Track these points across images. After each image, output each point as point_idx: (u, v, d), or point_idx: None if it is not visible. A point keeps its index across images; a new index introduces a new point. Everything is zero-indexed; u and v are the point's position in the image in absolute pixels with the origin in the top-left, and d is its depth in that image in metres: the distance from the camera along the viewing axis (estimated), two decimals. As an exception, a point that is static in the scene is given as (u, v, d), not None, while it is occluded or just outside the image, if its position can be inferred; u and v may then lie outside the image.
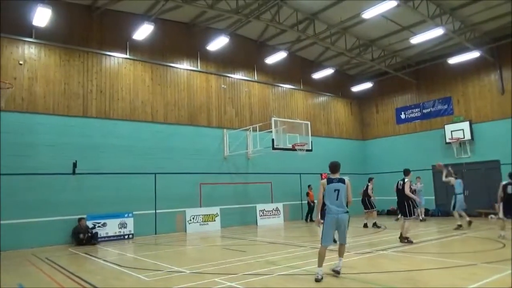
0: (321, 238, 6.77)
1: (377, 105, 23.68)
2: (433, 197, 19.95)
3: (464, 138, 18.85)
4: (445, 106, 20.23)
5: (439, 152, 19.99)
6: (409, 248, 9.62)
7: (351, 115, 24.03)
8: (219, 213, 17.04)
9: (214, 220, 16.85)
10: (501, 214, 10.57)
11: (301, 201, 20.00)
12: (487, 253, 8.52)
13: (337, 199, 6.73)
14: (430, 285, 5.96)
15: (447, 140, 19.47)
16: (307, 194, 18.91)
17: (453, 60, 18.37)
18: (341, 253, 6.88)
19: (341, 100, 23.55)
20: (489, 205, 16.40)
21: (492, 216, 16.02)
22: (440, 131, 20.02)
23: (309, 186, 18.90)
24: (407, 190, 10.58)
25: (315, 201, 14.68)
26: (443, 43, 18.73)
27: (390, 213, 20.46)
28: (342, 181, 6.84)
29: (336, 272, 6.68)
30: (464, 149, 19.05)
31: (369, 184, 15.47)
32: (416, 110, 21.52)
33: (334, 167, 7.09)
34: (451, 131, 19.33)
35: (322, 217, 11.89)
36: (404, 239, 10.43)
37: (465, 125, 18.91)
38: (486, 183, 17.54)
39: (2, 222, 11.90)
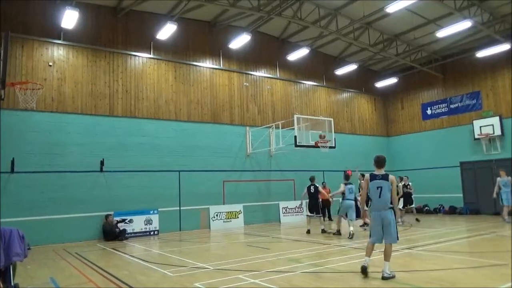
0: (369, 234, 6.85)
1: (402, 101, 23.20)
2: (461, 195, 19.43)
3: (493, 133, 18.24)
4: (474, 101, 19.64)
5: (467, 148, 19.46)
6: (437, 247, 9.43)
7: (375, 111, 23.65)
8: (242, 210, 17.15)
9: (237, 217, 16.97)
10: None
11: (325, 198, 19.84)
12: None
13: (379, 197, 6.60)
14: (457, 285, 5.83)
15: (476, 136, 18.90)
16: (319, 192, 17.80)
17: (481, 54, 17.78)
18: (386, 256, 6.45)
19: (365, 96, 23.22)
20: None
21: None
22: (468, 126, 19.46)
23: (323, 183, 17.68)
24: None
25: (330, 197, 14.74)
26: (471, 36, 18.17)
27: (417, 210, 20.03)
28: (385, 177, 6.66)
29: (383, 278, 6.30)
30: (494, 145, 18.46)
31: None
32: (443, 105, 20.98)
33: (379, 162, 6.79)
34: (480, 127, 18.75)
35: (358, 215, 12.18)
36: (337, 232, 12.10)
37: (495, 120, 18.29)
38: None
39: (35, 218, 12.38)
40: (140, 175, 14.83)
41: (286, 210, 18.49)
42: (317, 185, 13.58)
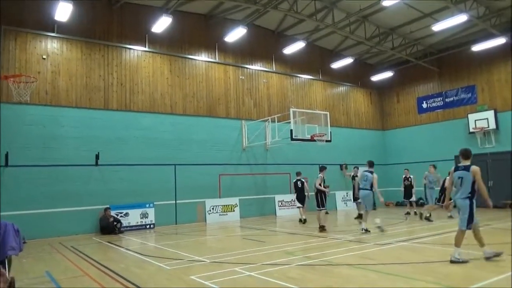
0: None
1: (398, 94, 23.25)
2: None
3: (488, 127, 18.35)
4: (469, 95, 19.70)
5: (462, 142, 19.48)
6: (433, 240, 9.50)
7: (371, 104, 23.69)
8: (238, 204, 17.18)
9: (234, 211, 17.01)
10: None
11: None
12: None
13: (461, 186, 6.90)
14: (452, 277, 5.89)
15: (471, 130, 18.99)
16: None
17: (477, 47, 17.81)
18: (456, 241, 6.82)
19: (361, 90, 23.23)
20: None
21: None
22: (463, 120, 19.55)
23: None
24: (316, 184, 12.04)
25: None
26: (466, 30, 18.18)
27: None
28: (467, 168, 6.89)
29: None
30: (489, 139, 18.57)
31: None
32: (439, 99, 21.04)
33: (463, 154, 7.12)
34: (475, 120, 18.84)
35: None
36: (320, 228, 11.61)
37: (490, 114, 18.39)
38: (510, 174, 17.09)
39: (30, 212, 12.33)
40: (136, 168, 14.79)
41: (282, 203, 18.55)
42: (303, 180, 14.33)
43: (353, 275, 6.21)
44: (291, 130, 15.40)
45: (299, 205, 14.46)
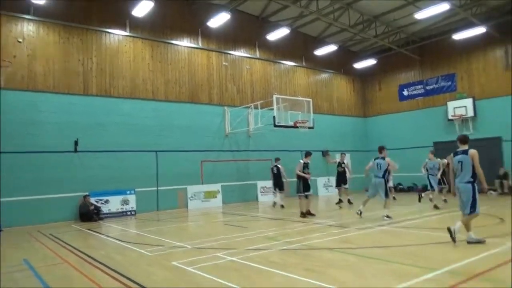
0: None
1: (380, 82, 23.46)
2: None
3: (466, 115, 18.73)
4: (449, 83, 20.03)
5: (441, 129, 19.95)
6: (411, 224, 9.71)
7: (353, 92, 23.85)
8: (220, 190, 17.18)
9: (216, 197, 17.01)
10: None
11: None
12: (487, 228, 8.59)
13: (461, 170, 7.10)
14: (431, 260, 6.04)
15: (450, 117, 19.36)
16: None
17: (458, 36, 18.04)
18: (466, 228, 7.04)
19: (344, 77, 23.34)
20: (490, 181, 16.42)
21: (492, 192, 16.12)
22: (442, 108, 19.90)
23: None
24: (296, 170, 11.76)
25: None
26: (448, 19, 18.38)
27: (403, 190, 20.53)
28: (465, 152, 7.18)
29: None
30: (466, 125, 18.96)
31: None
32: (419, 87, 21.32)
33: (460, 139, 7.52)
34: (454, 108, 19.21)
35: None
36: (302, 214, 11.63)
37: (468, 102, 18.76)
38: (487, 160, 17.54)
39: (7, 199, 12.04)
40: (117, 155, 14.58)
41: (264, 189, 18.62)
42: (279, 166, 14.47)
43: (333, 259, 6.31)
44: (274, 117, 15.39)
45: (274, 190, 14.83)
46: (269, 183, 18.57)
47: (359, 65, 22.52)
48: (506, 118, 17.25)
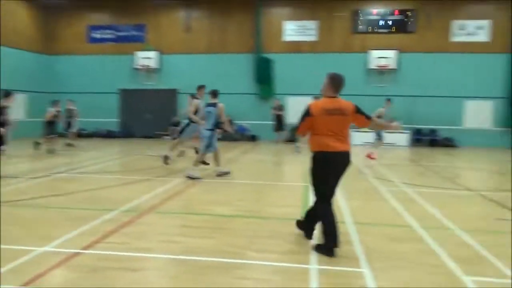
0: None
1: (70, 17, 21.15)
2: (118, 120, 20.66)
3: (152, 66, 20.06)
4: (139, 33, 20.66)
5: (127, 77, 20.55)
6: (93, 169, 9.74)
7: (34, 23, 20.58)
8: None
9: None
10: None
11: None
12: (158, 168, 9.80)
13: (207, 119, 8.52)
14: (111, 200, 6.30)
15: (136, 66, 20.16)
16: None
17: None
18: (195, 162, 8.68)
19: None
20: (165, 127, 18.79)
21: (165, 137, 18.48)
22: (131, 56, 20.31)
23: None
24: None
25: None
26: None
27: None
28: (214, 105, 8.46)
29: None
30: (152, 76, 20.35)
31: None
32: (110, 31, 20.93)
33: (211, 93, 8.57)
34: (141, 58, 20.11)
35: None
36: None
37: (155, 55, 20.09)
38: (164, 109, 19.87)
39: None
40: None
41: None
42: None
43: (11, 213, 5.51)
44: None
45: None
46: None
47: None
48: (187, 73, 19.59)
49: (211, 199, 6.76)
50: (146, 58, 20.15)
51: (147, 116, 20.16)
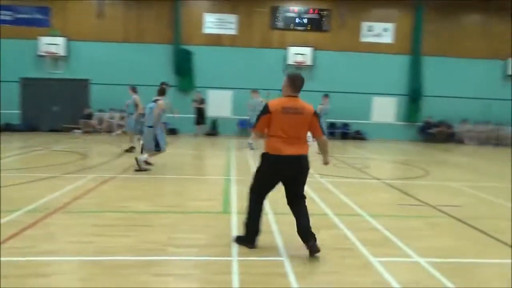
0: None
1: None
2: (19, 111, 18.67)
3: (59, 54, 18.45)
4: (43, 16, 18.84)
5: (30, 64, 18.68)
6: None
7: None
8: None
9: None
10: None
11: None
12: (68, 165, 9.07)
13: (148, 115, 8.61)
14: (11, 200, 5.65)
15: (40, 53, 18.40)
16: None
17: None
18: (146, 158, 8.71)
19: None
20: (75, 120, 17.50)
21: (75, 131, 17.23)
22: (33, 42, 18.42)
23: None
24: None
25: None
26: None
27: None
28: (155, 101, 8.48)
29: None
30: (58, 64, 18.75)
31: None
32: (9, 12, 18.75)
33: (159, 90, 8.72)
34: (46, 44, 18.38)
35: None
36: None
37: (62, 41, 18.49)
38: (74, 100, 18.47)
39: None
40: None
41: None
42: None
43: None
44: None
45: None
46: None
47: None
48: (97, 62, 18.40)
49: (127, 196, 6.42)
50: (52, 44, 18.41)
51: (54, 108, 18.54)
